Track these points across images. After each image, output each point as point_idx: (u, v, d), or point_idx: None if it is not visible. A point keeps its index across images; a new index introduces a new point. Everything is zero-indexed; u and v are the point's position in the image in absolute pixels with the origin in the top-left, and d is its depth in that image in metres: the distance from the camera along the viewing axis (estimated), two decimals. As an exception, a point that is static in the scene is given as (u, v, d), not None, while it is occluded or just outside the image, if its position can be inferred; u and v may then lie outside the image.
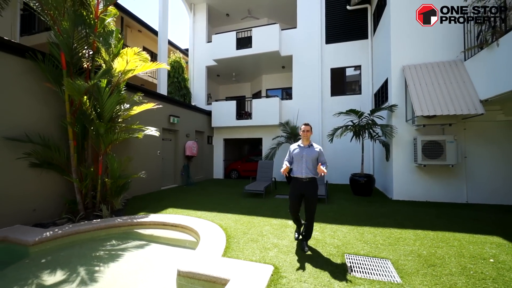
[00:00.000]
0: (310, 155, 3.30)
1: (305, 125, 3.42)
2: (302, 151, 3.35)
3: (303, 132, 3.39)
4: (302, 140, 3.44)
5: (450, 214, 4.85)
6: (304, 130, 3.38)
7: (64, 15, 4.29)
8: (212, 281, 2.48)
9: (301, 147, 3.41)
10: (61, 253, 3.54)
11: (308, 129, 3.38)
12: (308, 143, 3.41)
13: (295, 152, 3.41)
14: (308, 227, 3.35)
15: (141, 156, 6.93)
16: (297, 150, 3.41)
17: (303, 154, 3.32)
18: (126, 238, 4.12)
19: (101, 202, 4.91)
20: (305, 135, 3.37)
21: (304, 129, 3.39)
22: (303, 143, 3.43)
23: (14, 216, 4.13)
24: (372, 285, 2.40)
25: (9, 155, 4.07)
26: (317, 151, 3.33)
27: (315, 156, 3.31)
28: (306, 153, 3.31)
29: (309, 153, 3.32)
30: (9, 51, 4.08)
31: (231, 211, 5.20)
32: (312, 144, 3.43)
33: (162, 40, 9.70)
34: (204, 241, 3.44)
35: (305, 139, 3.40)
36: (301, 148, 3.40)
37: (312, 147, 3.38)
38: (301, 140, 3.46)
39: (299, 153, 3.35)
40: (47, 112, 4.62)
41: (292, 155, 3.44)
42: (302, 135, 3.40)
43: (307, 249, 3.22)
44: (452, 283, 2.42)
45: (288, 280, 2.49)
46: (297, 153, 3.37)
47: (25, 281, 2.80)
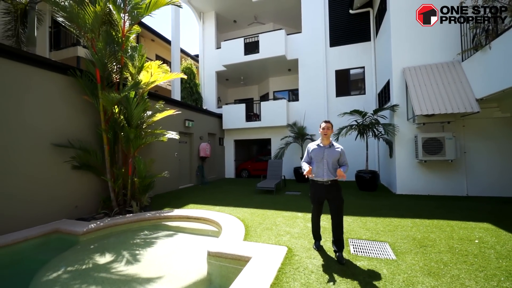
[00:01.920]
0: (332, 156, 3.02)
1: (325, 123, 3.11)
2: (322, 152, 3.07)
3: (322, 130, 3.08)
4: (322, 139, 3.13)
5: (449, 206, 5.24)
6: (324, 128, 3.06)
7: (99, 36, 4.93)
8: (237, 259, 3.02)
9: (320, 147, 3.12)
10: (104, 241, 4.16)
11: (328, 127, 3.06)
12: (329, 142, 3.11)
13: (314, 152, 3.13)
14: (338, 236, 3.01)
15: (161, 158, 7.57)
16: (316, 150, 3.12)
17: (324, 155, 3.04)
18: (156, 229, 4.72)
19: (131, 199, 5.54)
20: (325, 133, 3.05)
21: (324, 126, 3.07)
22: (322, 143, 3.12)
23: (60, 211, 4.80)
24: (370, 261, 2.89)
25: (56, 159, 4.74)
26: (339, 152, 3.04)
27: (336, 157, 3.03)
28: (327, 154, 3.03)
29: (330, 153, 3.03)
30: (54, 70, 4.75)
31: (246, 206, 5.74)
32: (333, 143, 3.13)
33: (175, 49, 10.37)
34: (226, 230, 3.99)
35: (325, 138, 3.10)
36: (320, 148, 3.11)
37: (333, 147, 3.08)
38: (320, 139, 3.16)
39: (319, 154, 3.08)
40: (85, 121, 5.29)
41: (310, 155, 3.17)
42: (322, 133, 3.09)
43: (342, 261, 2.84)
44: (438, 258, 2.88)
45: (300, 257, 3.00)
46: (317, 154, 3.10)
47: (83, 261, 3.42)
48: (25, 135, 4.27)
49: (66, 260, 3.47)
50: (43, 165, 4.52)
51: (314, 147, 3.16)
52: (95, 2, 4.66)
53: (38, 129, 4.47)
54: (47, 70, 4.64)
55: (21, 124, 4.22)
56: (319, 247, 3.26)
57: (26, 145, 4.28)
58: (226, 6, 12.17)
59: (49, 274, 3.05)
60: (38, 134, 4.47)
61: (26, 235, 3.92)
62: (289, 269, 2.70)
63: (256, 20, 13.05)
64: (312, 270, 2.69)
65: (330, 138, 3.17)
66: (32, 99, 4.39)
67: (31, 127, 4.35)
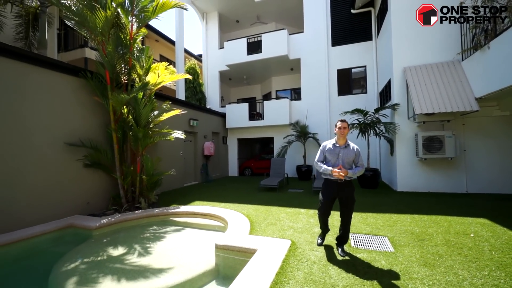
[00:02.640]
0: (347, 156, 2.97)
1: (341, 122, 3.02)
2: (337, 152, 3.02)
3: (339, 130, 2.99)
4: (338, 138, 3.06)
5: (448, 202, 5.38)
6: (341, 127, 2.98)
7: (108, 39, 5.12)
8: (244, 251, 3.20)
9: (336, 146, 3.05)
10: (116, 235, 4.37)
11: (345, 126, 2.98)
12: (345, 142, 3.03)
13: (329, 152, 3.08)
14: (344, 232, 3.09)
15: (167, 156, 7.77)
16: (331, 149, 3.06)
17: (339, 155, 3.00)
18: (164, 225, 4.92)
19: (140, 196, 5.75)
20: (342, 132, 2.97)
21: (341, 126, 2.99)
22: (338, 142, 3.05)
23: (73, 207, 5.02)
24: (370, 253, 3.05)
25: (69, 157, 4.95)
26: (354, 152, 2.99)
27: (351, 157, 2.97)
28: (342, 154, 2.98)
29: (346, 154, 2.98)
30: (66, 72, 4.95)
31: (250, 203, 5.92)
32: (349, 143, 3.05)
33: (179, 50, 10.55)
34: (232, 225, 4.17)
35: (341, 138, 3.01)
36: (336, 147, 3.05)
37: (349, 147, 3.01)
38: (336, 138, 3.10)
39: (334, 154, 3.03)
40: (95, 121, 5.50)
41: (325, 154, 3.12)
42: (338, 132, 3.01)
43: (344, 254, 2.98)
44: (434, 251, 3.04)
45: (303, 250, 3.18)
46: (332, 154, 3.05)
47: (98, 253, 3.63)
48: (40, 134, 4.48)
49: (81, 252, 3.68)
50: (57, 163, 4.74)
51: (330, 147, 3.09)
52: (105, 7, 4.84)
53: (52, 129, 4.68)
54: (60, 72, 4.84)
55: (36, 124, 4.43)
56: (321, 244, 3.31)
57: (42, 144, 4.50)
58: (229, 6, 12.31)
59: (67, 265, 3.26)
60: (52, 133, 4.68)
61: (43, 229, 4.13)
62: (292, 260, 2.88)
63: (258, 20, 13.17)
64: (314, 261, 2.86)
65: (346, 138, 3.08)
66: (46, 100, 4.60)
67: (45, 127, 4.56)
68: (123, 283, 2.81)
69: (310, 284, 2.37)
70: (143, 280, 2.84)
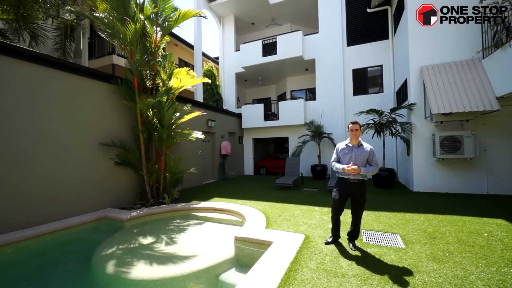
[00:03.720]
0: (360, 156, 3.08)
1: (353, 124, 3.16)
2: (350, 152, 3.15)
3: (351, 132, 3.15)
4: (351, 139, 3.21)
5: (465, 203, 5.33)
6: (352, 130, 3.13)
7: (136, 48, 5.60)
8: (260, 243, 3.47)
9: (349, 146, 3.20)
10: (145, 227, 4.82)
11: (356, 128, 3.11)
12: (358, 142, 3.17)
13: (342, 152, 3.22)
14: (355, 228, 3.25)
15: (187, 155, 8.22)
16: (345, 149, 3.21)
17: (352, 155, 3.13)
18: (186, 219, 5.32)
19: (163, 192, 6.21)
20: (354, 134, 3.13)
21: (352, 128, 3.14)
22: (351, 143, 3.20)
23: (105, 201, 5.56)
24: (381, 249, 3.21)
25: (102, 156, 5.49)
26: (368, 152, 3.09)
27: (365, 157, 3.08)
28: (355, 154, 3.11)
29: (359, 153, 3.10)
30: (100, 79, 5.49)
31: (265, 200, 6.19)
32: (362, 143, 3.17)
33: (197, 54, 11.04)
34: (249, 220, 4.47)
35: (354, 139, 3.17)
36: (349, 148, 3.19)
37: (361, 147, 3.14)
38: (349, 139, 3.25)
39: (347, 154, 3.17)
40: (124, 123, 6.02)
41: (339, 154, 3.27)
42: (351, 134, 3.17)
43: (355, 248, 3.14)
44: (445, 248, 3.14)
45: (316, 243, 3.40)
46: (345, 154, 3.19)
47: (130, 241, 4.07)
48: (79, 136, 5.03)
49: (116, 240, 4.14)
50: (93, 161, 5.28)
51: (343, 147, 3.23)
52: (133, 19, 5.32)
53: (89, 130, 5.23)
54: (95, 79, 5.38)
55: (77, 126, 4.99)
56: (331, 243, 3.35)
57: (81, 144, 5.05)
58: (244, 9, 12.63)
59: (106, 250, 3.71)
60: (89, 135, 5.23)
61: (82, 220, 4.67)
62: (306, 251, 3.11)
63: (273, 21, 13.38)
64: (326, 253, 3.08)
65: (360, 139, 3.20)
66: (84, 105, 5.15)
67: (83, 129, 5.11)
68: (154, 266, 3.19)
69: (321, 273, 2.60)
70: (172, 265, 3.20)
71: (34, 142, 4.34)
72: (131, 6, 5.47)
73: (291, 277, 2.50)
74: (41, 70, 4.47)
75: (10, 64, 4.08)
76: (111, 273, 3.09)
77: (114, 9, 5.37)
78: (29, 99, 4.30)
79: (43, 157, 4.46)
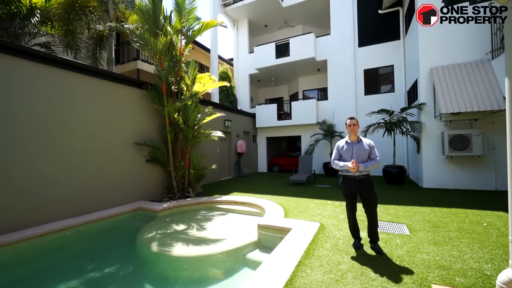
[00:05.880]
0: (361, 152, 3.11)
1: (350, 119, 3.19)
2: (351, 148, 3.16)
3: (348, 127, 3.18)
4: (349, 135, 3.23)
5: (473, 198, 5.62)
6: (350, 125, 3.17)
7: (165, 56, 6.22)
8: (281, 229, 3.99)
9: (348, 143, 3.21)
10: (175, 216, 5.45)
11: (354, 123, 3.16)
12: (356, 138, 3.18)
13: (343, 149, 3.22)
14: (373, 228, 3.13)
15: (206, 153, 8.85)
16: (345, 147, 3.21)
17: (353, 151, 3.14)
18: (211, 210, 5.91)
19: (188, 186, 6.84)
20: (352, 129, 3.16)
21: (350, 123, 3.17)
22: (350, 139, 3.22)
23: (139, 195, 6.24)
24: (388, 235, 3.65)
25: (135, 154, 6.18)
26: (368, 147, 3.12)
27: (366, 152, 3.10)
28: (356, 150, 3.13)
29: (359, 149, 3.12)
30: (134, 85, 6.17)
31: (281, 194, 6.69)
32: (361, 139, 3.20)
33: (213, 58, 11.67)
34: (268, 211, 4.99)
35: (352, 134, 3.19)
36: (349, 144, 3.20)
37: (361, 142, 3.16)
38: (348, 136, 3.27)
39: (348, 151, 3.17)
40: (153, 124, 6.69)
41: (340, 152, 3.26)
42: (348, 130, 3.19)
43: (382, 252, 3.02)
44: (446, 235, 3.54)
45: (330, 230, 3.88)
46: (346, 150, 3.19)
47: (166, 227, 4.70)
48: (118, 136, 5.72)
49: (153, 227, 4.77)
50: (129, 159, 5.97)
51: (343, 144, 3.25)
52: (163, 30, 5.93)
53: (125, 131, 5.91)
54: (129, 86, 6.06)
55: (115, 127, 5.68)
56: (358, 246, 3.19)
57: (119, 144, 5.74)
58: (258, 13, 13.10)
59: (147, 235, 4.34)
60: (125, 135, 5.91)
61: (122, 210, 5.35)
62: (321, 236, 3.60)
63: (286, 23, 13.79)
64: (339, 237, 3.56)
65: (358, 133, 3.24)
66: (121, 108, 5.83)
67: (121, 130, 5.80)
68: (191, 246, 3.78)
69: (335, 251, 3.09)
70: (205, 245, 3.78)
71: (82, 142, 5.04)
72: (160, 20, 6.09)
73: (310, 254, 3.00)
74: (92, 81, 5.21)
75: (66, 75, 4.78)
76: (156, 251, 3.71)
77: (145, 22, 6.01)
78: (79, 105, 5.00)
79: (90, 155, 5.16)
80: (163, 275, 3.43)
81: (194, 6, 6.53)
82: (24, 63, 4.22)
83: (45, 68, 4.48)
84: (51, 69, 4.57)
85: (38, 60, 4.37)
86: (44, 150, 4.44)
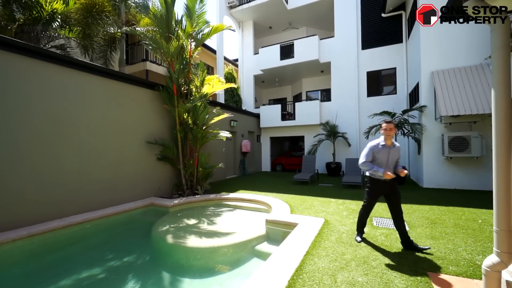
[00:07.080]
0: (396, 156, 3.19)
1: (387, 123, 3.14)
2: (387, 152, 3.19)
3: (385, 131, 3.16)
4: (386, 139, 3.21)
5: (471, 198, 5.85)
6: (386, 129, 3.12)
7: (176, 59, 6.50)
8: (288, 224, 4.26)
9: (385, 147, 3.20)
10: (186, 212, 5.73)
11: (391, 127, 3.11)
12: (391, 142, 3.21)
13: (380, 153, 3.21)
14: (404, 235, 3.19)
15: (213, 152, 9.13)
16: (381, 150, 3.22)
17: (389, 156, 3.18)
18: (219, 207, 6.19)
19: (197, 184, 7.12)
20: (388, 134, 3.14)
21: (386, 127, 3.13)
22: (386, 143, 3.21)
23: (150, 191, 6.53)
24: (388, 230, 3.90)
25: (147, 153, 6.46)
26: (399, 150, 3.25)
27: (398, 156, 3.20)
28: (392, 154, 3.19)
29: (394, 153, 3.19)
30: (146, 86, 6.45)
31: (286, 193, 6.95)
32: (394, 143, 3.24)
33: (219, 59, 11.95)
34: (275, 207, 5.26)
35: (388, 139, 3.19)
36: (385, 148, 3.20)
37: (396, 147, 3.21)
38: (383, 139, 3.24)
39: (385, 154, 3.19)
40: (164, 124, 6.97)
41: (375, 154, 3.24)
42: (384, 134, 3.18)
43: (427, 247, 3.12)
44: (443, 230, 3.79)
45: (334, 225, 4.14)
46: (383, 154, 3.20)
47: (178, 222, 4.97)
48: (131, 135, 6.01)
49: (166, 221, 5.05)
50: (141, 157, 6.26)
51: (379, 147, 3.22)
52: (174, 34, 6.21)
53: (138, 130, 6.20)
54: (142, 87, 6.34)
55: (129, 127, 5.97)
56: (361, 240, 3.44)
57: (133, 143, 6.03)
58: (263, 15, 13.36)
59: (161, 228, 4.62)
60: (138, 134, 6.20)
61: (135, 205, 5.64)
62: (326, 230, 3.87)
63: (290, 25, 14.04)
64: (343, 232, 3.82)
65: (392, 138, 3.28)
66: (134, 109, 6.12)
67: (134, 130, 6.09)
68: (203, 239, 4.05)
69: (340, 243, 3.36)
70: (217, 238, 4.05)
71: (99, 141, 5.33)
72: (172, 24, 6.37)
73: (316, 245, 3.27)
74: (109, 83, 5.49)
75: (84, 77, 5.07)
76: (171, 243, 3.99)
77: (158, 26, 6.29)
78: (96, 106, 5.29)
79: (107, 153, 5.45)
80: (179, 263, 3.71)
81: (204, 10, 6.81)
82: (50, 67, 4.51)
83: (66, 71, 4.77)
84: (73, 71, 4.86)
85: (59, 63, 4.65)
86: (66, 148, 4.74)
